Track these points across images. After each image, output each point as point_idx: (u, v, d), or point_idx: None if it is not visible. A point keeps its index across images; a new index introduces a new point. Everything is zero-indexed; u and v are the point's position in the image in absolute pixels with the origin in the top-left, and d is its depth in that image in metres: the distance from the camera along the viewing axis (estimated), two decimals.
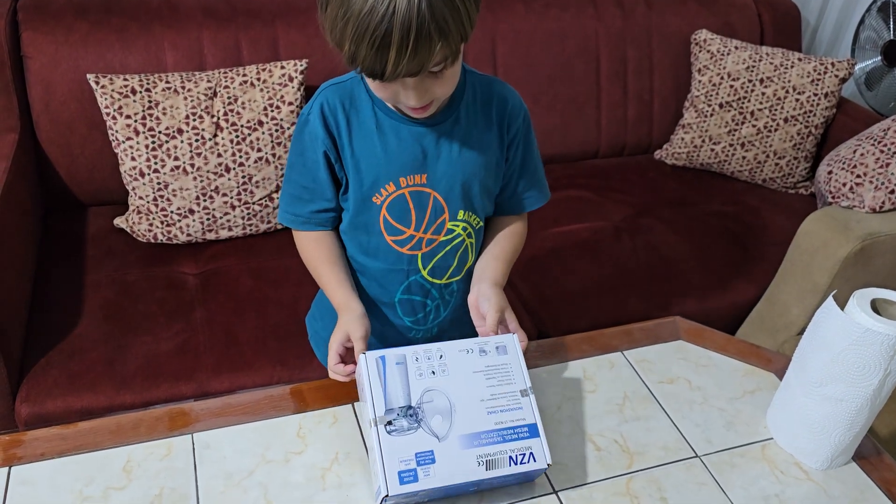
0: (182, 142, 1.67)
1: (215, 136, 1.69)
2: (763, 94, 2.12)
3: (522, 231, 1.11)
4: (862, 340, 0.87)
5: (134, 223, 1.73)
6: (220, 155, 1.69)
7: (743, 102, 2.14)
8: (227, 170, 1.70)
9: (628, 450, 0.98)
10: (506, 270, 1.05)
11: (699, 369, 1.13)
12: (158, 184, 1.67)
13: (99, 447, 0.93)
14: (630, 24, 2.20)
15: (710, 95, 2.16)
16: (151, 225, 1.71)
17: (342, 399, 1.02)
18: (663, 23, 2.23)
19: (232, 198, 1.72)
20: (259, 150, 1.71)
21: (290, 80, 1.73)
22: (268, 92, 1.72)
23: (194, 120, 1.68)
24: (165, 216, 1.70)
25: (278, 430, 0.97)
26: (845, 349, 0.89)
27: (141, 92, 1.67)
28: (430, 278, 1.05)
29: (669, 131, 2.31)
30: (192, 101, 1.68)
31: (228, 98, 1.70)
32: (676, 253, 1.89)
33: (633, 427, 1.02)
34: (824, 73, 2.10)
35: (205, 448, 0.94)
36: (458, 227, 1.02)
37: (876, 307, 0.90)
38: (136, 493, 0.88)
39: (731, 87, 2.14)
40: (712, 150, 2.20)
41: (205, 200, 1.70)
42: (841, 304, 0.91)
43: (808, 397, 0.95)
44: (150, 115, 1.66)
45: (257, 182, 1.73)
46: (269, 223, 1.79)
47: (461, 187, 1.00)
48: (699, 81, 2.18)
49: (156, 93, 1.67)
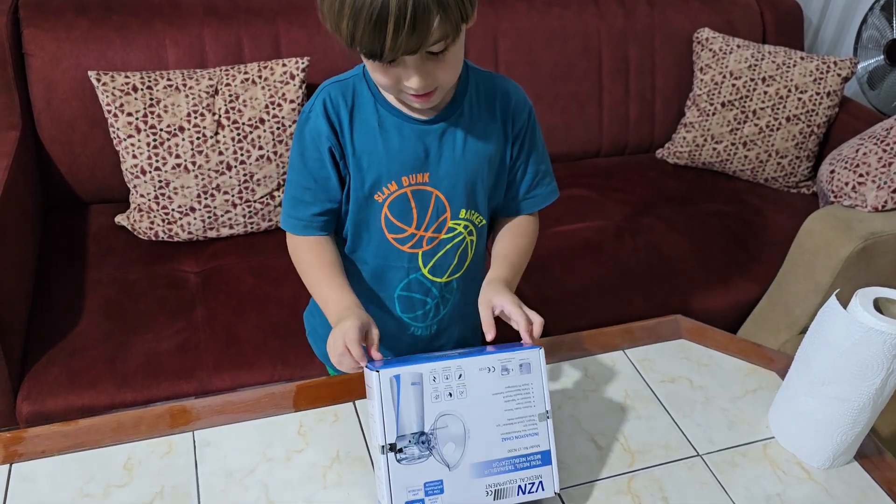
0: (183, 139, 1.67)
1: (216, 133, 1.69)
2: (765, 92, 2.12)
3: (532, 229, 1.08)
4: (864, 340, 0.87)
5: (135, 221, 1.72)
6: (221, 153, 1.69)
7: (745, 101, 2.13)
8: (229, 168, 1.70)
9: (630, 449, 0.98)
10: (509, 267, 1.01)
11: (701, 368, 1.12)
12: (159, 182, 1.67)
13: (100, 445, 0.93)
14: (632, 23, 2.20)
15: (712, 94, 2.16)
16: (152, 223, 1.71)
17: (343, 397, 1.02)
18: (665, 21, 2.23)
19: (233, 196, 1.72)
20: (260, 147, 1.71)
21: (292, 77, 1.73)
22: (269, 90, 1.72)
23: (196, 118, 1.67)
24: (166, 214, 1.70)
25: (279, 428, 0.97)
26: (848, 348, 0.89)
27: (142, 89, 1.67)
28: (430, 276, 1.04)
29: (671, 130, 2.30)
30: (193, 98, 1.68)
31: (230, 96, 1.70)
32: (678, 252, 1.88)
33: (635, 426, 1.02)
34: (827, 72, 2.10)
35: (206, 446, 0.94)
36: (459, 225, 1.02)
37: (878, 306, 0.90)
38: (136, 490, 0.88)
39: (734, 85, 2.14)
40: (714, 149, 2.19)
41: (206, 198, 1.70)
42: (843, 303, 0.91)
43: (811, 396, 0.95)
44: (152, 112, 1.66)
45: (258, 180, 1.73)
46: (271, 221, 1.79)
47: (464, 186, 0.99)
48: (701, 80, 2.18)
49: (157, 90, 1.67)
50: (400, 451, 0.81)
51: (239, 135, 1.70)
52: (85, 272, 1.63)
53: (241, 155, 1.70)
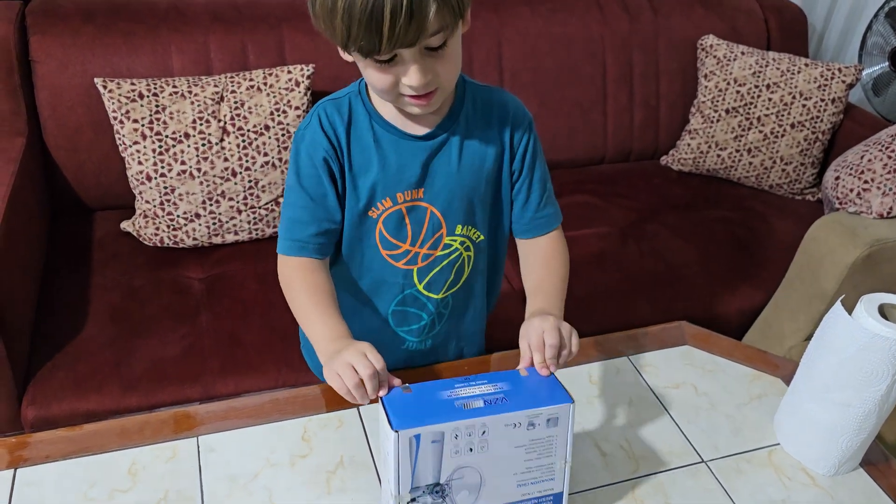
0: (189, 146, 1.67)
1: (222, 140, 1.69)
2: (770, 99, 2.12)
3: (556, 248, 1.03)
4: (870, 346, 0.87)
5: (140, 227, 1.73)
6: (226, 159, 1.70)
7: (749, 108, 2.13)
8: (234, 174, 1.70)
9: (634, 455, 0.98)
10: (543, 297, 0.98)
11: (705, 374, 1.12)
12: (165, 188, 1.68)
13: (104, 450, 0.93)
14: (636, 29, 2.20)
15: (717, 101, 2.16)
16: (158, 229, 1.72)
17: (347, 403, 1.01)
18: (669, 28, 2.23)
19: (238, 202, 1.72)
20: (265, 154, 1.72)
21: (297, 84, 1.74)
22: (274, 96, 1.73)
23: (201, 124, 1.68)
24: (172, 220, 1.70)
25: (283, 434, 0.97)
26: (853, 354, 0.89)
27: (148, 96, 1.67)
28: (425, 292, 1.04)
29: (676, 137, 2.30)
30: (198, 105, 1.69)
31: (235, 102, 1.71)
32: (683, 259, 1.88)
33: (639, 432, 1.01)
34: (831, 78, 2.10)
35: (210, 451, 0.94)
36: (455, 241, 1.01)
37: (884, 312, 0.90)
38: (140, 495, 0.88)
39: (738, 92, 2.14)
40: (719, 155, 2.19)
41: (211, 205, 1.71)
42: (849, 309, 0.90)
43: (816, 403, 0.95)
44: (157, 119, 1.67)
45: (263, 186, 1.73)
46: (275, 228, 1.79)
47: (460, 202, 0.98)
48: (705, 87, 2.18)
49: (163, 97, 1.68)
50: (413, 500, 0.79)
51: (244, 141, 1.70)
52: (90, 278, 1.64)
53: (246, 161, 1.71)
